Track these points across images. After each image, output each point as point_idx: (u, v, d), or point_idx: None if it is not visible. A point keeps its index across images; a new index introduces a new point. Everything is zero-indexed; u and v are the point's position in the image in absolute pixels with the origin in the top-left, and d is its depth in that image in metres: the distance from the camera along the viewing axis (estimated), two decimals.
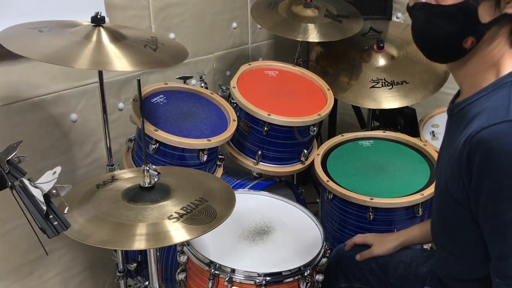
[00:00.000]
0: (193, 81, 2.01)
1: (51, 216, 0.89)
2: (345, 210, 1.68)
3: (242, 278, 1.32)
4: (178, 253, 1.44)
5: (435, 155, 1.77)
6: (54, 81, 1.70)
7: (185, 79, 1.83)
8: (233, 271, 1.32)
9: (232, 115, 1.75)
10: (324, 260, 1.43)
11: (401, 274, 1.39)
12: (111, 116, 1.85)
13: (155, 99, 1.72)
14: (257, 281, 1.30)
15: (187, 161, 1.61)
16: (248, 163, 1.84)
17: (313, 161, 1.83)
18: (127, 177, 1.33)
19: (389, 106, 1.99)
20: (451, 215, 1.08)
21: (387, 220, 1.64)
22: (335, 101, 2.03)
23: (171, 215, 1.12)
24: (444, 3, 1.00)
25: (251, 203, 1.64)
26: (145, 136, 1.54)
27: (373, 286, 1.42)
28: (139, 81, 1.20)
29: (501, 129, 0.91)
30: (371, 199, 1.60)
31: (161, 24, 1.99)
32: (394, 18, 2.38)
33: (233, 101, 1.82)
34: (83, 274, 1.97)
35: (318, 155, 1.83)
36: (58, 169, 0.92)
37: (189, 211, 1.15)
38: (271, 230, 1.52)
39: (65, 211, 0.96)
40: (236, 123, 1.73)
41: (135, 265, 1.68)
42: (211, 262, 1.34)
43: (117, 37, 1.41)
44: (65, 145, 1.79)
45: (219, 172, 1.76)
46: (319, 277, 1.42)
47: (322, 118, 1.80)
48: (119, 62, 1.33)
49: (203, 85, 1.92)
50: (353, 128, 2.53)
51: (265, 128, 1.74)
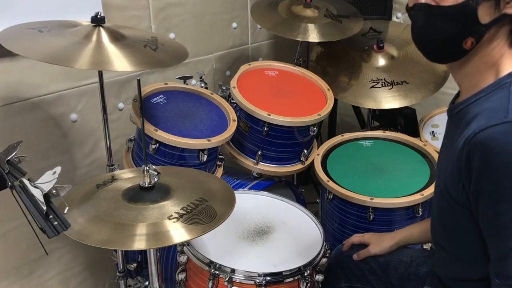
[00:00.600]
0: (193, 81, 2.01)
1: (51, 216, 0.89)
2: (345, 210, 1.68)
3: (242, 278, 1.32)
4: (178, 253, 1.44)
5: (435, 155, 1.77)
6: (54, 81, 1.70)
7: (185, 79, 1.83)
8: (233, 271, 1.32)
9: (232, 115, 1.75)
10: (324, 260, 1.43)
11: (401, 274, 1.39)
12: (111, 116, 1.85)
13: (155, 99, 1.72)
14: (257, 281, 1.30)
15: (187, 161, 1.61)
16: (248, 163, 1.84)
17: (313, 161, 1.83)
18: (127, 177, 1.33)
19: (389, 106, 1.99)
20: (451, 216, 1.08)
21: (387, 220, 1.64)
22: (335, 101, 2.03)
23: (171, 215, 1.12)
24: (443, 3, 1.00)
25: (251, 203, 1.64)
26: (145, 136, 1.54)
27: (374, 286, 1.42)
28: (139, 81, 1.20)
29: (500, 130, 0.91)
30: (371, 199, 1.60)
31: (161, 24, 1.99)
32: (394, 18, 2.38)
33: (233, 101, 1.82)
34: (83, 274, 1.97)
35: (318, 155, 1.83)
36: (58, 169, 0.92)
37: (189, 211, 1.15)
38: (271, 230, 1.52)
39: (65, 211, 0.96)
40: (236, 123, 1.73)
41: (135, 265, 1.68)
42: (211, 262, 1.34)
43: (117, 37, 1.41)
44: (65, 145, 1.79)
45: (219, 172, 1.76)
46: (319, 277, 1.42)
47: (322, 118, 1.80)
48: (119, 62, 1.33)
49: (203, 85, 1.92)
50: (353, 128, 2.53)
51: (265, 128, 1.74)
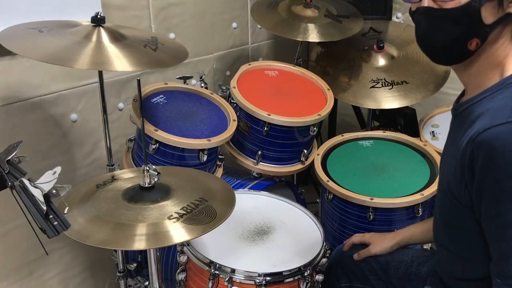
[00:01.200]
0: (193, 81, 2.01)
1: (51, 216, 0.89)
2: (345, 210, 1.68)
3: (242, 278, 1.32)
4: (178, 253, 1.44)
5: (435, 155, 1.77)
6: (54, 81, 1.70)
7: (185, 79, 1.83)
8: (233, 271, 1.32)
9: (232, 115, 1.75)
10: (324, 260, 1.43)
11: (402, 274, 1.39)
12: (111, 116, 1.85)
13: (155, 99, 1.72)
14: (257, 281, 1.30)
15: (187, 161, 1.61)
16: (248, 163, 1.84)
17: (313, 161, 1.83)
18: (127, 177, 1.32)
19: (389, 106, 1.99)
20: (453, 215, 1.08)
21: (387, 220, 1.64)
22: (335, 101, 2.03)
23: (171, 215, 1.12)
24: (446, 6, 0.99)
25: (251, 203, 1.64)
26: (145, 136, 1.54)
27: (374, 286, 1.42)
28: (139, 81, 1.20)
29: (505, 130, 0.91)
30: (371, 199, 1.60)
31: (161, 24, 1.99)
32: (394, 18, 2.38)
33: (233, 101, 1.82)
34: (83, 274, 1.97)
35: (318, 155, 1.83)
36: (58, 169, 0.92)
37: (189, 211, 1.15)
38: (271, 230, 1.52)
39: (65, 211, 0.96)
40: (236, 123, 1.73)
41: (135, 265, 1.68)
42: (211, 262, 1.34)
43: (117, 37, 1.41)
44: (65, 145, 1.79)
45: (219, 172, 1.76)
46: (319, 277, 1.42)
47: (322, 118, 1.80)
48: (119, 62, 1.33)
49: (203, 85, 1.92)
50: (353, 128, 2.53)
51: (265, 128, 1.74)
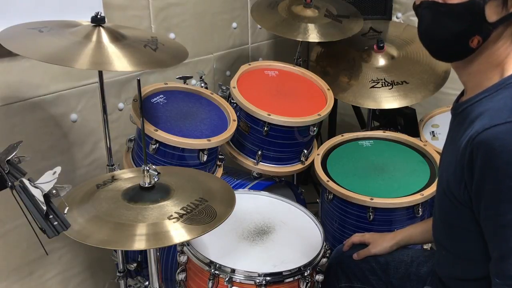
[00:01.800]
0: (193, 81, 2.01)
1: (51, 216, 0.89)
2: (345, 210, 1.68)
3: (242, 278, 1.32)
4: (178, 253, 1.44)
5: (435, 155, 1.77)
6: (54, 81, 1.70)
7: (185, 79, 1.83)
8: (233, 271, 1.32)
9: (232, 115, 1.75)
10: (324, 260, 1.43)
11: (402, 274, 1.39)
12: (111, 116, 1.85)
13: (155, 99, 1.72)
14: (257, 281, 1.30)
15: (187, 161, 1.61)
16: (248, 163, 1.84)
17: (313, 161, 1.83)
18: (127, 177, 1.32)
19: (389, 106, 1.99)
20: (452, 214, 1.08)
21: (387, 220, 1.64)
22: (335, 101, 2.03)
23: (171, 215, 1.12)
24: (451, 1, 0.99)
25: (251, 203, 1.64)
26: (145, 136, 1.54)
27: (374, 286, 1.42)
28: (139, 81, 1.20)
29: (504, 130, 0.91)
30: (371, 199, 1.60)
31: (161, 24, 1.99)
32: (394, 18, 2.38)
33: (233, 101, 1.82)
34: (83, 274, 1.97)
35: (318, 155, 1.83)
36: (58, 169, 0.92)
37: (189, 211, 1.15)
38: (271, 230, 1.52)
39: (65, 211, 0.96)
40: (236, 123, 1.73)
41: (135, 265, 1.68)
42: (211, 262, 1.34)
43: (117, 37, 1.41)
44: (65, 145, 1.79)
45: (219, 172, 1.76)
46: (319, 277, 1.42)
47: (322, 118, 1.80)
48: (119, 62, 1.33)
49: (203, 85, 1.92)
50: (353, 128, 2.53)
51: (265, 128, 1.74)
